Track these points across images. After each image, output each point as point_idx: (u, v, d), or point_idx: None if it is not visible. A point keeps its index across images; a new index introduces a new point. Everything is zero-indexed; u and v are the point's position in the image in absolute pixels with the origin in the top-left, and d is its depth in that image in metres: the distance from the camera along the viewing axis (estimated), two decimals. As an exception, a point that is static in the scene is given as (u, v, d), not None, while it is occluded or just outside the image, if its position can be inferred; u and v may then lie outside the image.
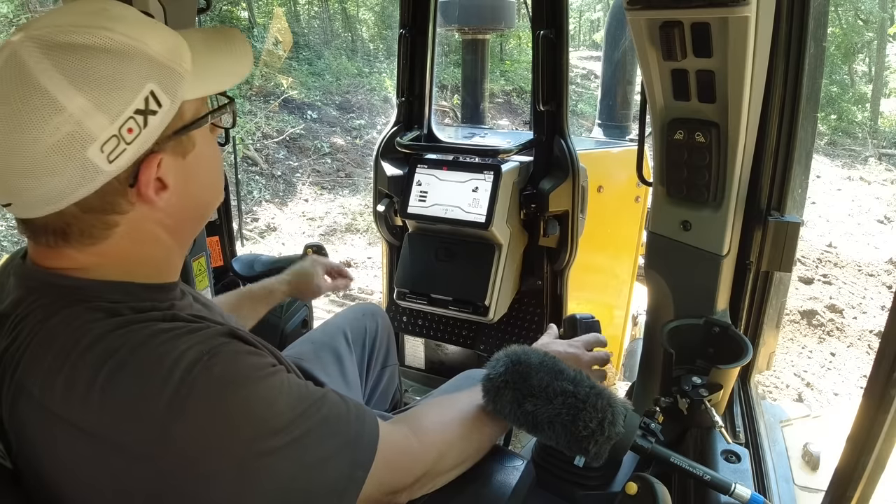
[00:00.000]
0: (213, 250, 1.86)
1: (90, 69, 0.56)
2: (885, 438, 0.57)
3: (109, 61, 0.57)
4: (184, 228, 0.71)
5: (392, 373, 1.42)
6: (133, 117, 0.58)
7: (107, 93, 0.56)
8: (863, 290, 4.87)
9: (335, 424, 0.66)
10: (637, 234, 2.35)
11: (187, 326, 0.62)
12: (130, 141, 0.58)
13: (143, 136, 0.59)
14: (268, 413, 0.60)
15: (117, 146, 0.58)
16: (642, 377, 1.40)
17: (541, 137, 1.78)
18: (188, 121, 0.65)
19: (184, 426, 0.56)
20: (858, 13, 12.39)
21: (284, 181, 6.92)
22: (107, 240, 0.63)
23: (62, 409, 0.57)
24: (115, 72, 0.57)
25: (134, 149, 0.59)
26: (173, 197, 0.65)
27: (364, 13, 11.68)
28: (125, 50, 0.57)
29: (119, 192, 0.61)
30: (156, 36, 0.61)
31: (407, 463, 0.73)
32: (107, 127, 0.56)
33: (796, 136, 1.14)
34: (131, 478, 0.57)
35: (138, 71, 0.58)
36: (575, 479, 0.94)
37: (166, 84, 0.60)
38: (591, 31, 15.69)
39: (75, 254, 0.63)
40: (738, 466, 0.92)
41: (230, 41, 0.71)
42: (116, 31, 0.57)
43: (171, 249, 0.70)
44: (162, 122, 0.61)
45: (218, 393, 0.58)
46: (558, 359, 0.81)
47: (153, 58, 0.59)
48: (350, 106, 8.63)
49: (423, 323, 1.99)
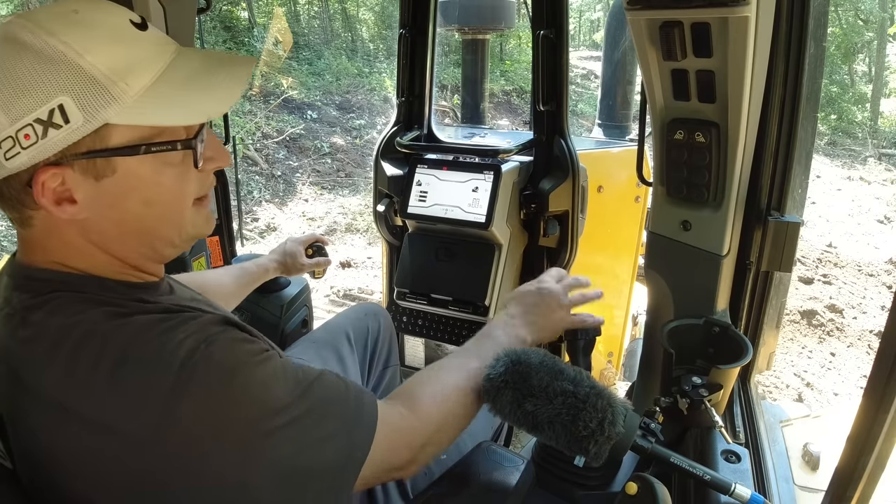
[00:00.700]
0: (213, 250, 1.87)
1: (10, 68, 0.56)
2: (885, 438, 0.57)
3: (30, 64, 0.56)
4: (122, 247, 0.67)
5: (394, 373, 1.42)
6: (32, 125, 0.57)
7: (13, 94, 0.56)
8: (863, 290, 4.87)
9: (335, 405, 0.68)
10: (637, 234, 2.35)
11: (180, 316, 0.63)
12: (26, 147, 0.57)
13: (40, 146, 0.58)
14: (267, 395, 0.62)
15: (12, 147, 0.57)
16: (642, 377, 1.40)
17: (541, 137, 1.78)
18: (111, 145, 0.60)
19: (188, 408, 0.57)
20: (858, 13, 12.39)
21: (284, 181, 6.92)
22: (32, 228, 0.64)
23: (64, 400, 0.58)
24: (29, 76, 0.56)
25: (28, 155, 0.58)
26: (85, 213, 0.62)
27: (364, 13, 11.67)
28: (53, 57, 0.57)
29: (21, 189, 0.61)
30: (108, 52, 0.59)
31: (405, 441, 0.74)
32: (6, 127, 0.57)
33: (796, 136, 1.14)
34: (137, 466, 0.57)
35: (54, 81, 0.57)
36: (575, 479, 0.94)
37: (86, 101, 0.58)
38: (591, 31, 15.69)
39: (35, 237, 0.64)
40: (738, 466, 0.92)
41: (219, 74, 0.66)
42: (57, 37, 0.57)
43: (114, 260, 0.67)
44: (66, 138, 0.58)
45: (218, 378, 0.59)
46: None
47: (84, 72, 0.57)
48: (350, 106, 8.63)
49: (423, 323, 1.99)
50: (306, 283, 1.89)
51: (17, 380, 0.60)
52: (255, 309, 1.67)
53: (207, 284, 1.18)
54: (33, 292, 0.63)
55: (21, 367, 0.60)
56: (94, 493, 0.59)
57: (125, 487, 0.58)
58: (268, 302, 1.72)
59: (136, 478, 0.58)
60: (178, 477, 0.58)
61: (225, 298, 1.23)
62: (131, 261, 0.68)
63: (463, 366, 0.85)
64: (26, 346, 0.60)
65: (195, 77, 0.65)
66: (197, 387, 0.58)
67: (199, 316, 0.64)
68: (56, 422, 0.58)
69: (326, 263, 1.49)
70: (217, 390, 0.59)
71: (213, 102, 0.65)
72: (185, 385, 0.57)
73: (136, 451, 0.57)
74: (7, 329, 0.62)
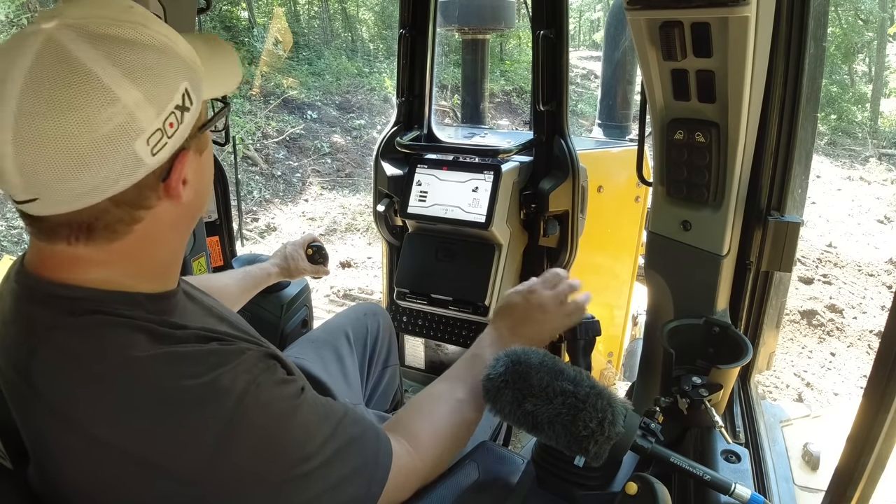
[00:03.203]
0: (213, 250, 1.87)
1: (140, 62, 0.56)
2: (885, 438, 0.57)
3: (155, 56, 0.57)
4: (188, 227, 0.72)
5: (393, 373, 1.42)
6: (174, 112, 0.59)
7: (155, 86, 0.57)
8: (863, 290, 4.86)
9: (358, 444, 0.70)
10: (637, 234, 2.35)
11: (223, 349, 0.64)
12: (171, 135, 0.59)
13: (181, 131, 0.60)
14: (303, 439, 0.64)
15: (160, 139, 0.58)
16: (642, 377, 1.40)
17: (541, 137, 1.78)
18: (205, 120, 0.66)
19: (236, 454, 0.59)
20: (858, 13, 12.38)
21: (284, 181, 6.91)
22: (127, 236, 0.62)
23: (100, 431, 0.58)
24: (160, 67, 0.58)
25: (173, 143, 0.60)
26: (191, 192, 0.66)
27: (364, 13, 11.67)
28: (164, 47, 0.58)
29: (152, 186, 0.61)
30: (178, 37, 0.62)
31: (410, 482, 0.78)
32: (154, 120, 0.57)
33: (796, 136, 1.14)
34: (172, 499, 0.59)
35: (176, 68, 0.59)
36: (575, 479, 0.94)
37: (194, 83, 0.61)
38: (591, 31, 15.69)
39: (91, 253, 0.61)
40: (738, 466, 0.92)
41: (224, 48, 0.72)
42: (152, 29, 0.58)
43: (175, 251, 0.71)
44: (192, 118, 0.62)
45: (264, 425, 0.61)
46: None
47: (181, 57, 0.60)
48: (350, 106, 8.62)
49: (423, 323, 1.99)
50: (306, 283, 1.89)
51: (39, 403, 0.59)
52: (256, 309, 1.67)
53: (212, 289, 1.18)
54: (58, 310, 0.60)
55: (46, 390, 0.58)
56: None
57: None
58: (268, 302, 1.72)
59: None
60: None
61: (229, 303, 1.22)
62: (182, 246, 0.72)
63: (453, 396, 0.87)
64: (52, 369, 0.59)
65: (214, 51, 0.69)
66: (246, 432, 0.60)
67: (242, 350, 0.65)
68: (89, 452, 0.58)
69: (325, 272, 1.51)
70: (263, 437, 0.61)
71: (234, 71, 0.72)
72: (235, 430, 0.59)
73: (177, 487, 0.58)
74: (25, 347, 0.60)
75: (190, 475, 0.58)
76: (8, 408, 0.62)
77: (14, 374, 0.60)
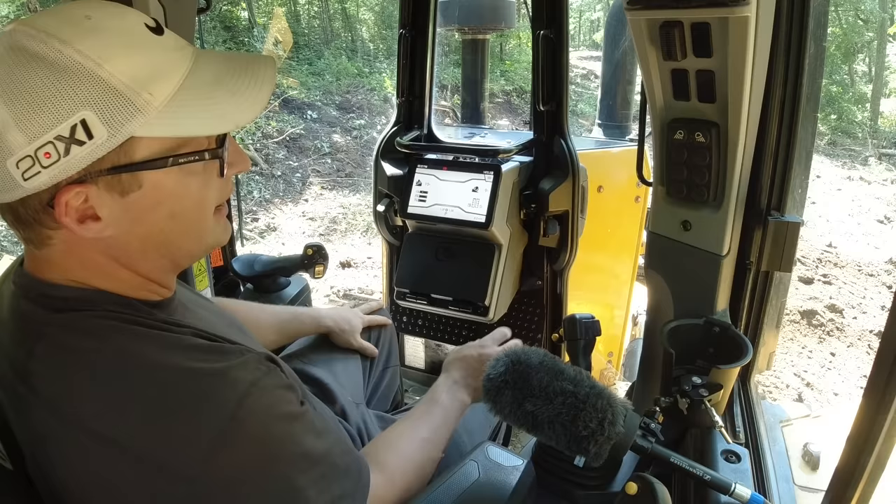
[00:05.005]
0: (214, 250, 1.86)
1: (23, 81, 0.52)
2: (885, 438, 0.57)
3: (45, 76, 0.52)
4: (145, 262, 0.64)
5: (394, 373, 1.42)
6: (53, 142, 0.53)
7: (28, 110, 0.52)
8: (863, 290, 4.86)
9: (347, 469, 0.70)
10: (637, 234, 2.35)
11: (224, 347, 0.64)
12: (46, 165, 0.53)
13: (62, 164, 0.54)
14: (303, 450, 0.64)
15: (31, 167, 0.53)
16: (642, 377, 1.40)
17: (541, 137, 1.78)
18: (136, 159, 0.57)
19: (235, 455, 0.59)
20: (858, 13, 12.38)
21: (284, 181, 6.91)
22: (50, 248, 0.61)
23: (99, 426, 0.57)
24: (45, 89, 0.52)
25: (49, 174, 0.54)
26: (109, 230, 0.59)
27: (364, 13, 11.67)
28: (70, 68, 0.53)
29: (40, 209, 0.57)
30: (127, 60, 0.55)
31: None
32: (23, 146, 0.53)
33: (796, 136, 1.14)
34: (169, 497, 0.58)
35: (75, 95, 0.53)
36: (575, 479, 0.94)
37: (109, 115, 0.54)
38: (591, 31, 15.67)
39: (48, 255, 0.61)
40: (738, 466, 0.92)
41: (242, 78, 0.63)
42: (72, 46, 0.53)
43: (150, 270, 0.66)
44: (90, 154, 0.54)
45: (263, 431, 0.61)
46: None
47: (105, 83, 0.54)
48: (350, 106, 8.62)
49: (423, 323, 1.99)
50: (306, 283, 1.89)
51: (36, 400, 0.59)
52: (255, 309, 1.67)
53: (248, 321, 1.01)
54: (52, 309, 0.60)
55: (41, 386, 0.58)
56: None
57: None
58: (268, 302, 1.72)
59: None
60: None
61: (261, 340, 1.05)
62: (153, 276, 0.66)
63: (417, 435, 0.90)
64: (47, 365, 0.59)
65: (219, 83, 0.61)
66: (245, 436, 0.59)
67: (242, 351, 0.64)
68: (87, 449, 0.58)
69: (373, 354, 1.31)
70: (262, 443, 0.60)
71: (240, 110, 0.62)
72: (235, 432, 0.58)
73: (175, 485, 0.57)
74: (21, 345, 0.60)
75: (188, 473, 0.57)
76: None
77: (11, 372, 0.60)
